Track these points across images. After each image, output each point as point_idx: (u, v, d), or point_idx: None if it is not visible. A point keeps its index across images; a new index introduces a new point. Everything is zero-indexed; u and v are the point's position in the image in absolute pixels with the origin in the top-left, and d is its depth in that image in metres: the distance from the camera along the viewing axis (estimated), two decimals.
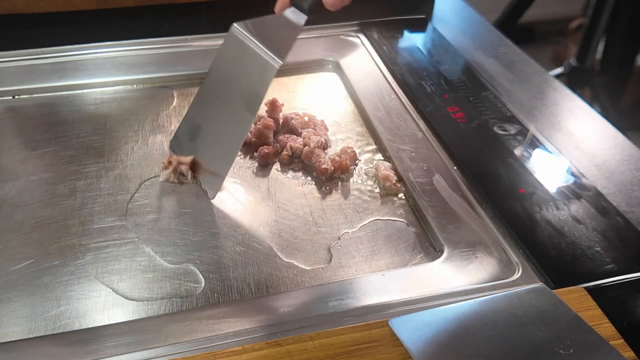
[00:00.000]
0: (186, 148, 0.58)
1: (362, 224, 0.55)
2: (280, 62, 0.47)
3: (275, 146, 0.63)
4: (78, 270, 0.50)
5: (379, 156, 0.64)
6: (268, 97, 0.67)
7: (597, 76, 1.73)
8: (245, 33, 0.48)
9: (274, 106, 0.67)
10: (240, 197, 0.58)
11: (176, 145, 0.60)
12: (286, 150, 0.62)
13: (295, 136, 0.64)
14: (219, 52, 0.50)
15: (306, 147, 0.61)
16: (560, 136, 0.65)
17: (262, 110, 0.68)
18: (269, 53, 0.47)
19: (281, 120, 0.67)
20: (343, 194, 0.59)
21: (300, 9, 0.47)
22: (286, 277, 0.49)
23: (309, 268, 0.50)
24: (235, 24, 0.48)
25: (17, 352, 0.42)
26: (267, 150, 0.62)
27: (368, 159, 0.63)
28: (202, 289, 0.48)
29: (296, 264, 0.51)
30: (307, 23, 0.50)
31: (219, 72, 0.51)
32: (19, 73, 0.75)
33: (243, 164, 0.62)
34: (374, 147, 0.65)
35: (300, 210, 0.57)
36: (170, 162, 0.59)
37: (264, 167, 0.62)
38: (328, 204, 0.57)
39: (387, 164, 0.60)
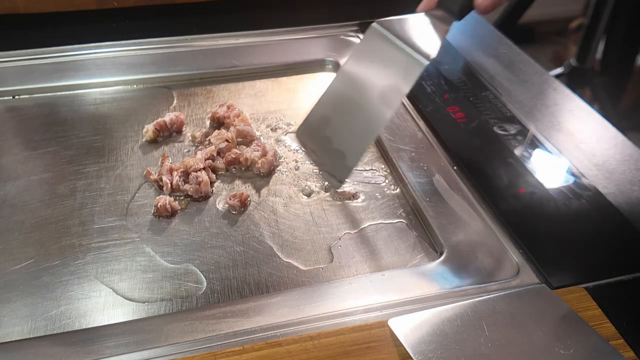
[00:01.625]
0: (313, 138, 0.57)
1: (362, 224, 0.55)
2: (426, 61, 0.47)
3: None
4: (78, 270, 0.50)
5: (379, 156, 0.64)
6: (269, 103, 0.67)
7: (597, 76, 1.72)
8: (387, 32, 0.48)
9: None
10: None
11: (303, 133, 0.58)
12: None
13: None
14: (357, 49, 0.50)
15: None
16: (560, 136, 0.65)
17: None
18: (415, 51, 0.47)
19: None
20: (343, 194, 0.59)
21: (449, 11, 0.47)
22: (286, 277, 0.49)
23: (309, 268, 0.50)
24: (375, 23, 0.48)
25: (17, 352, 0.42)
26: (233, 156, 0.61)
27: (368, 160, 0.63)
28: (204, 289, 0.48)
29: (296, 264, 0.51)
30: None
31: (356, 67, 0.51)
32: (19, 73, 0.75)
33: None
34: (374, 147, 0.65)
35: (300, 211, 0.57)
36: (150, 173, 0.59)
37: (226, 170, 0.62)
38: (328, 204, 0.57)
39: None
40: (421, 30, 0.48)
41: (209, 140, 0.64)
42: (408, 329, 0.42)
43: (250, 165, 0.61)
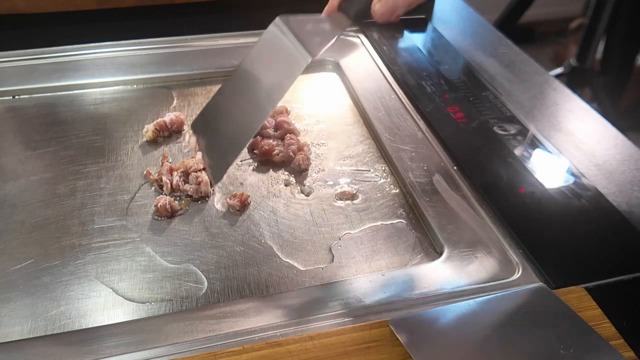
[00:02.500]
0: (204, 130, 0.56)
1: (362, 224, 0.55)
2: (310, 58, 0.47)
3: (274, 144, 0.63)
4: (78, 270, 0.50)
5: (379, 156, 0.64)
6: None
7: (597, 76, 1.73)
8: (285, 26, 0.48)
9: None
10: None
11: (197, 126, 0.58)
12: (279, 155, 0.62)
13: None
14: (258, 41, 0.50)
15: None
16: (560, 136, 0.65)
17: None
18: (302, 48, 0.47)
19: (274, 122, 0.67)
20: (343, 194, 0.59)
21: (346, 14, 0.47)
22: (286, 277, 0.49)
23: (308, 268, 0.50)
24: (279, 17, 0.48)
25: (17, 352, 0.42)
26: (267, 147, 0.62)
27: (367, 160, 0.63)
28: (205, 289, 0.48)
29: (296, 264, 0.51)
30: None
31: (252, 60, 0.51)
32: (19, 73, 0.75)
33: (243, 162, 0.62)
34: (374, 147, 0.65)
35: (300, 211, 0.57)
36: (149, 173, 0.59)
37: (263, 164, 0.62)
38: (328, 204, 0.57)
39: None
40: (317, 30, 0.48)
41: None
42: (408, 329, 0.42)
43: (285, 160, 0.61)
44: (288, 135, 0.64)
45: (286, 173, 0.61)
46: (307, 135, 0.67)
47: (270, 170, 0.62)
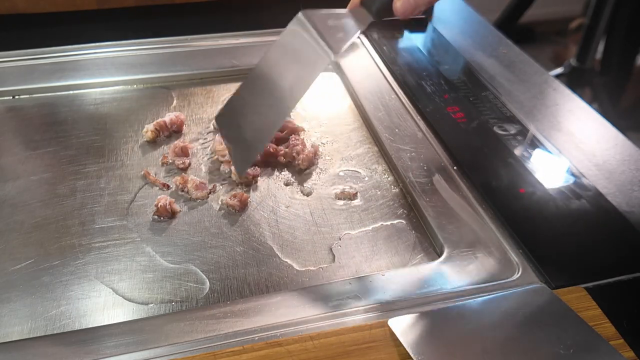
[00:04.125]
0: (229, 123, 0.56)
1: (362, 224, 0.55)
2: (332, 54, 0.47)
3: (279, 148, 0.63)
4: (78, 270, 0.50)
5: (379, 156, 0.64)
6: None
7: (597, 76, 1.73)
8: (307, 22, 0.48)
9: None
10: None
11: (221, 119, 0.58)
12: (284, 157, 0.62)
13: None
14: (281, 36, 0.50)
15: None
16: (560, 136, 0.65)
17: None
18: (324, 44, 0.47)
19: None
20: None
21: (368, 10, 0.47)
22: (286, 277, 0.49)
23: (309, 268, 0.50)
24: (301, 12, 0.48)
25: (17, 352, 0.42)
26: (272, 150, 0.62)
27: (367, 160, 0.63)
28: (207, 290, 0.48)
29: (296, 264, 0.51)
30: None
31: (275, 55, 0.51)
32: (19, 73, 0.75)
33: None
34: (374, 147, 0.65)
35: (300, 211, 0.57)
36: (148, 174, 0.60)
37: (264, 164, 0.62)
38: (328, 204, 0.57)
39: None
40: (339, 26, 0.48)
41: None
42: (408, 329, 0.42)
43: (290, 160, 0.62)
44: (293, 135, 0.64)
45: (286, 173, 0.61)
46: (307, 136, 0.67)
47: (271, 170, 0.62)
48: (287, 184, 0.60)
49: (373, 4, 0.47)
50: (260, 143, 0.54)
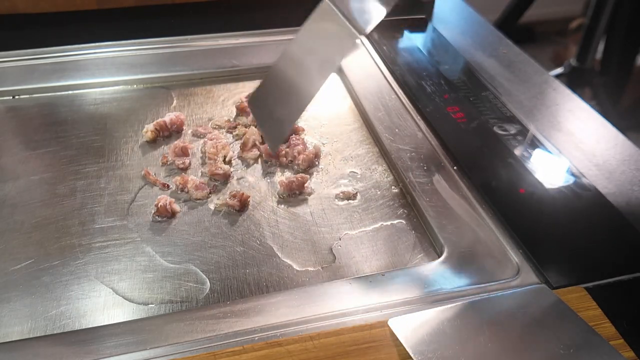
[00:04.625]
0: (261, 104, 0.58)
1: (362, 224, 0.55)
2: (358, 35, 0.49)
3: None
4: (78, 270, 0.50)
5: (379, 156, 0.64)
6: None
7: (597, 76, 1.72)
8: (333, 6, 0.50)
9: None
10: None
11: (253, 101, 0.59)
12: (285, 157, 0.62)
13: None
14: (308, 19, 0.52)
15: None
16: (560, 136, 0.65)
17: None
18: (350, 26, 0.49)
19: None
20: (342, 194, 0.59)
21: None
22: (286, 277, 0.49)
23: (308, 268, 0.50)
24: None
25: (17, 352, 0.42)
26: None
27: (367, 160, 0.63)
28: (207, 290, 0.48)
29: (296, 264, 0.51)
30: None
31: (304, 37, 0.53)
32: (19, 73, 0.75)
33: (244, 163, 0.62)
34: (374, 147, 0.65)
35: (300, 211, 0.57)
36: (148, 174, 0.60)
37: (265, 166, 0.62)
38: (328, 204, 0.57)
39: None
40: (364, 8, 0.50)
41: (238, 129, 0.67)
42: (408, 329, 0.42)
43: (291, 160, 0.62)
44: (294, 135, 0.65)
45: (287, 173, 0.61)
46: (308, 135, 0.67)
47: (271, 170, 0.62)
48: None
49: None
50: (291, 122, 0.57)
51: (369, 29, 0.49)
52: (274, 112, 0.55)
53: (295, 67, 0.53)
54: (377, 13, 0.49)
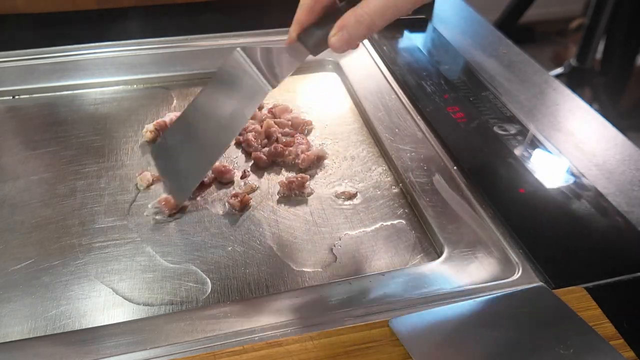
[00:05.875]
0: (165, 154, 0.57)
1: (362, 224, 0.55)
2: (270, 88, 0.49)
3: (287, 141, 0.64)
4: (78, 270, 0.50)
5: (379, 156, 0.64)
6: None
7: (597, 76, 1.73)
8: (246, 57, 0.50)
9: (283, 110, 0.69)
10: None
11: (157, 150, 0.58)
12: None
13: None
14: (219, 69, 0.52)
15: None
16: (560, 136, 0.65)
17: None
18: (262, 78, 0.49)
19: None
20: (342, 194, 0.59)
21: (305, 45, 0.49)
22: (286, 277, 0.49)
23: (308, 268, 0.50)
24: (239, 48, 0.50)
25: (17, 352, 0.42)
26: (280, 149, 0.62)
27: (367, 160, 0.63)
28: (207, 290, 0.48)
29: (296, 264, 0.51)
30: None
31: (214, 88, 0.53)
32: (19, 73, 0.75)
33: (241, 164, 0.62)
34: (374, 147, 0.65)
35: (300, 211, 0.57)
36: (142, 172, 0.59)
37: (261, 168, 0.62)
38: (328, 204, 0.57)
39: None
40: (276, 61, 0.50)
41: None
42: (408, 329, 0.42)
43: (293, 158, 0.62)
44: (299, 135, 0.65)
45: (287, 173, 0.61)
46: (311, 136, 0.67)
47: (271, 169, 0.62)
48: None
49: (309, 39, 0.48)
50: (200, 174, 0.55)
51: (280, 82, 0.49)
52: (179, 166, 0.54)
53: (204, 120, 0.52)
54: (287, 67, 0.50)
